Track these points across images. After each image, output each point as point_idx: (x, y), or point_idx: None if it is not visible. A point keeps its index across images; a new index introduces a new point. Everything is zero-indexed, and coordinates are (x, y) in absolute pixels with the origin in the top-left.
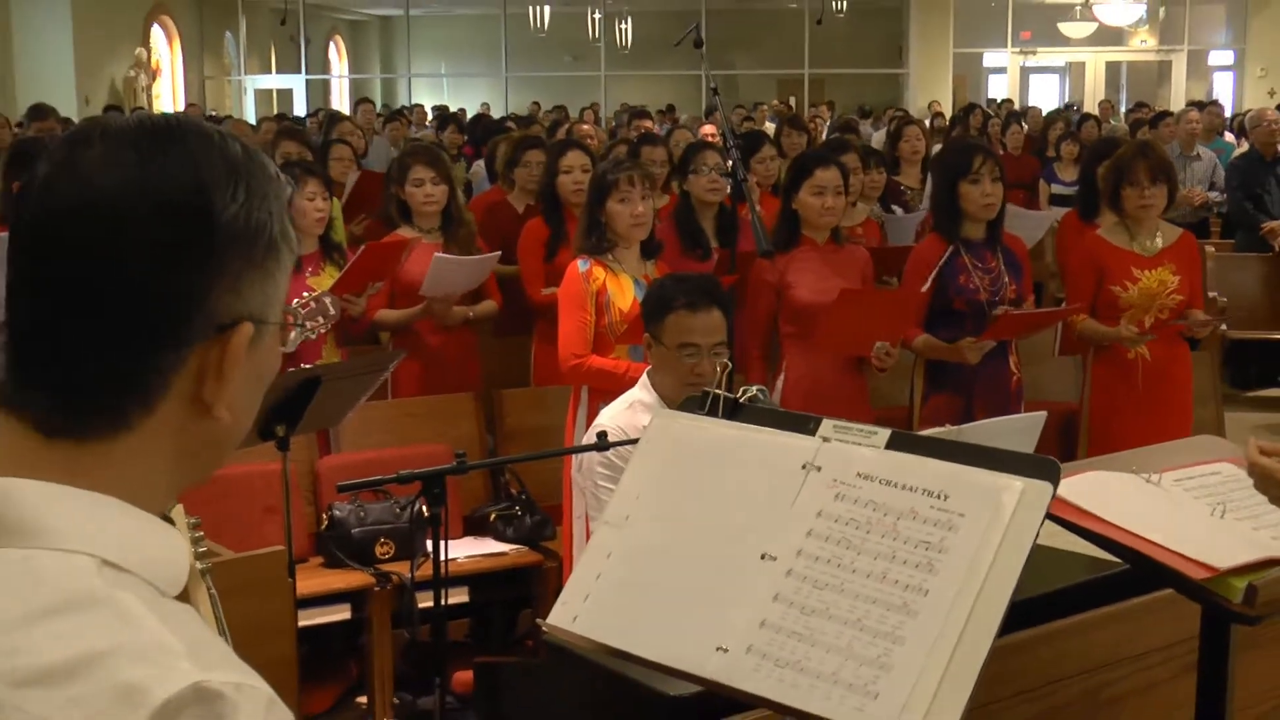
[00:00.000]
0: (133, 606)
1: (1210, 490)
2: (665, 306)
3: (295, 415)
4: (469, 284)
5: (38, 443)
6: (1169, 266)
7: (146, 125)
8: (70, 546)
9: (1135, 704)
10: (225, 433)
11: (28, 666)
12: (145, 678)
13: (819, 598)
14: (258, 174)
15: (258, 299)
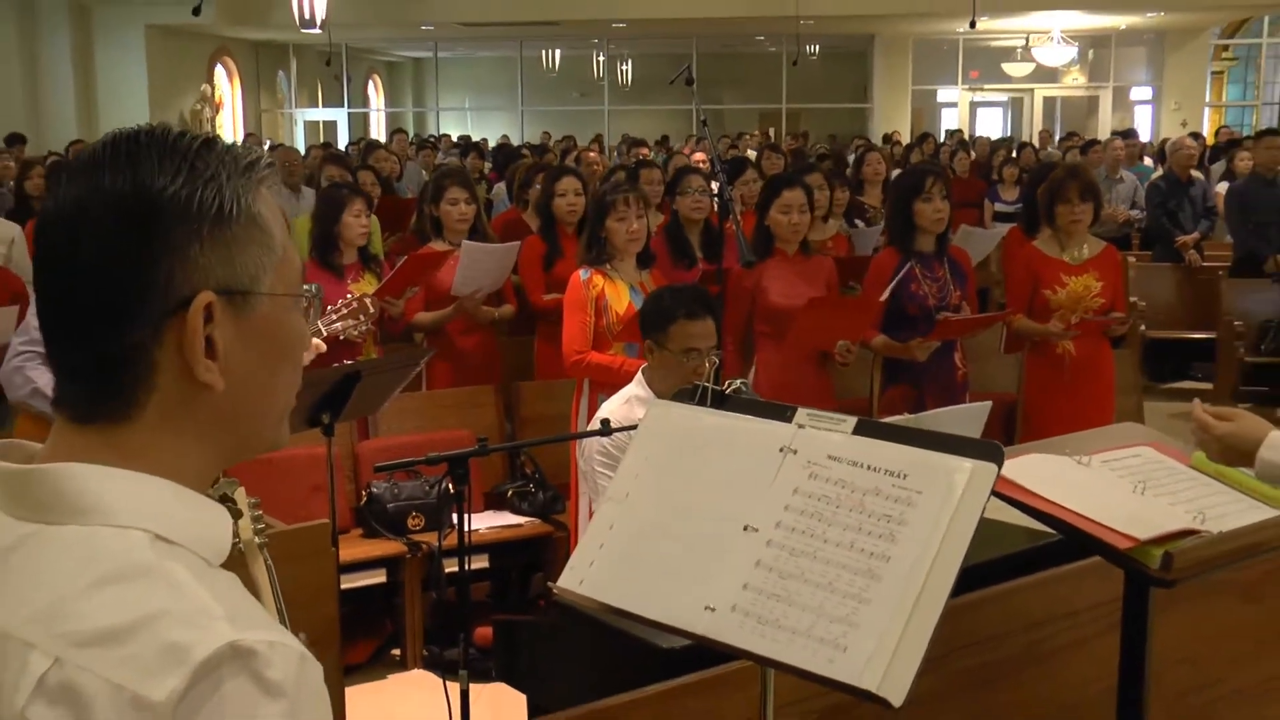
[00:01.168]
0: (180, 576)
1: (1133, 470)
2: (668, 317)
3: (339, 405)
4: (496, 273)
5: (76, 430)
6: (1093, 274)
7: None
8: (126, 523)
9: (1068, 656)
10: (238, 404)
11: (89, 629)
12: (188, 638)
13: (795, 564)
14: (209, 160)
15: (221, 269)
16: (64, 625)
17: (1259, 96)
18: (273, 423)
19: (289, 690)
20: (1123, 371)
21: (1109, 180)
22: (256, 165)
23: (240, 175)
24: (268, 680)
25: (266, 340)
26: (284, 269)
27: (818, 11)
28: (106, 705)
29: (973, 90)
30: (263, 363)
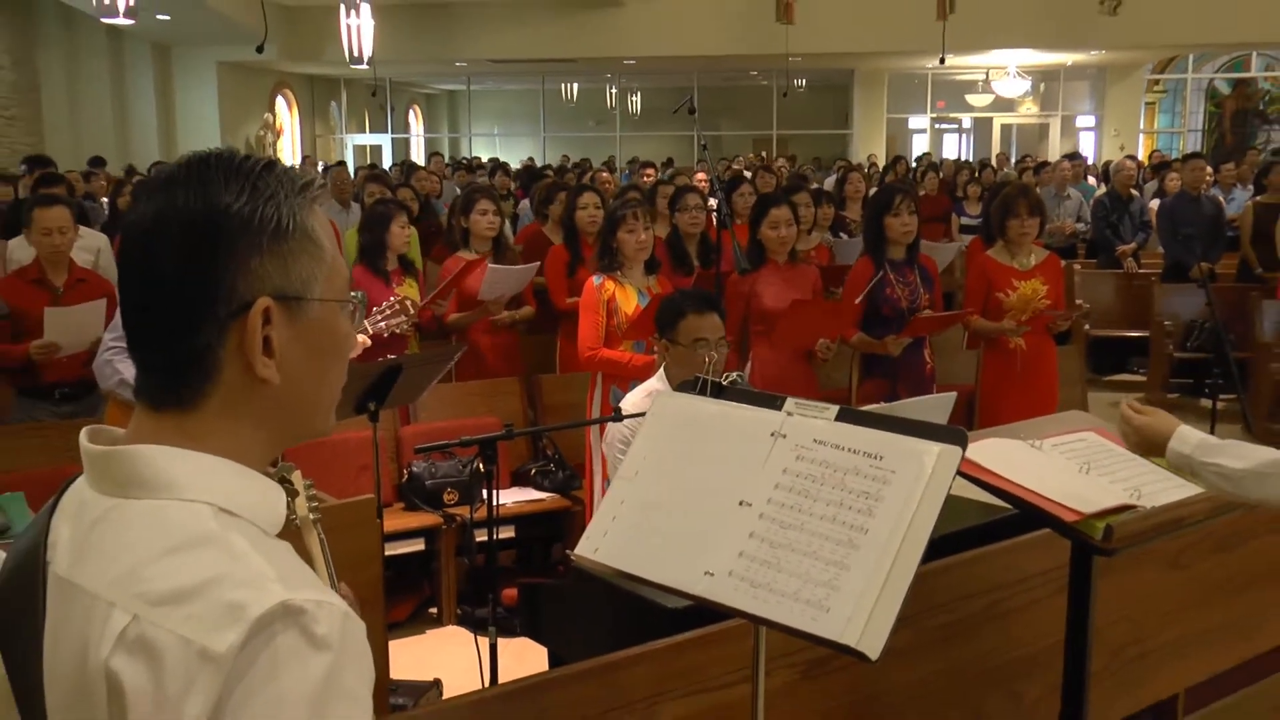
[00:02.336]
0: (239, 544)
1: (1078, 453)
2: (678, 314)
3: (383, 394)
4: (515, 288)
5: (153, 416)
6: (1040, 279)
7: (178, 164)
8: (192, 497)
9: (1021, 615)
10: (292, 397)
11: (160, 590)
12: (245, 598)
13: (784, 535)
14: (269, 181)
15: (278, 277)
16: (140, 586)
17: (1185, 124)
18: (322, 413)
19: (334, 643)
20: (1069, 365)
21: (1058, 197)
22: (310, 186)
23: (296, 194)
24: (315, 635)
25: (317, 341)
26: (333, 278)
27: (804, 49)
28: (176, 656)
29: (940, 118)
30: (313, 360)
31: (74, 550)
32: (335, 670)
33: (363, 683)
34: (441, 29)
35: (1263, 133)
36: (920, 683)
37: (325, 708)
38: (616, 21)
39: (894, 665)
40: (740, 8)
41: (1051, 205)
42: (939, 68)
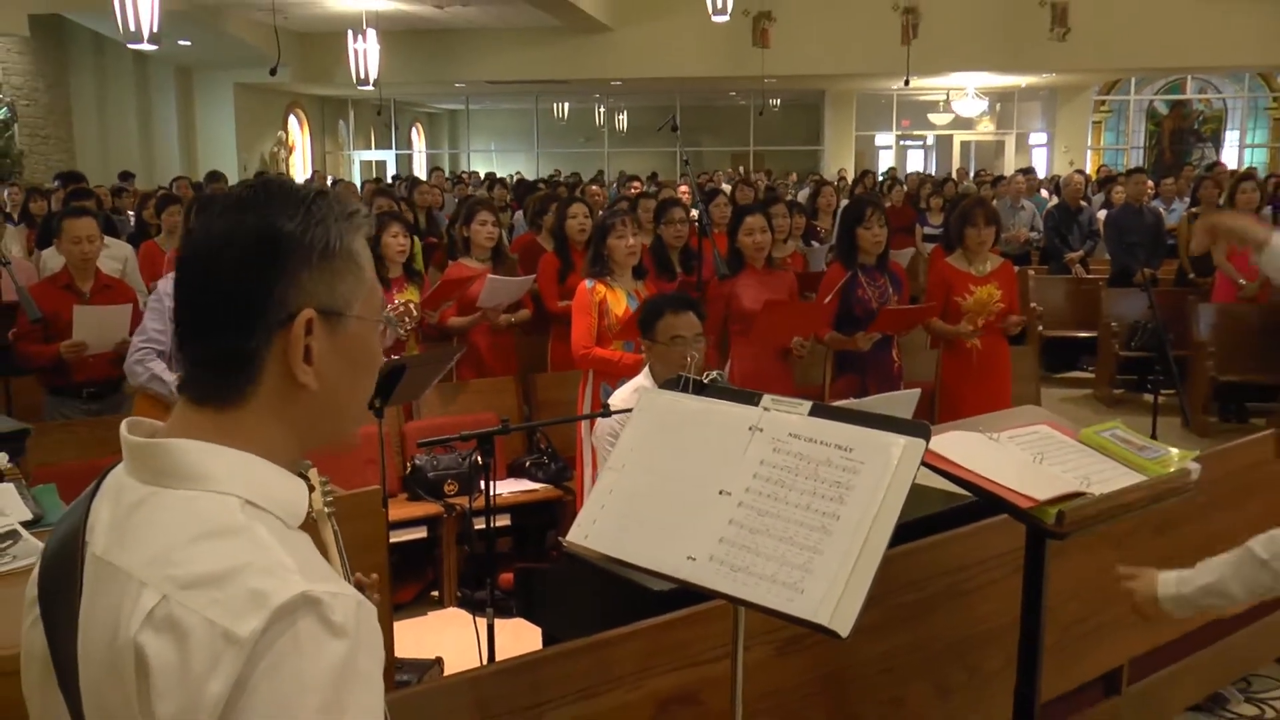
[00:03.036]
0: (263, 535)
1: (1032, 444)
2: (657, 314)
3: (388, 392)
4: (512, 298)
5: (195, 410)
6: (994, 284)
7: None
8: (222, 490)
9: (981, 594)
10: (325, 403)
11: (189, 574)
12: (268, 586)
13: (761, 522)
14: (320, 205)
15: (324, 293)
16: (171, 569)
17: (1128, 141)
18: (350, 421)
19: (349, 630)
20: (1023, 363)
21: (1013, 208)
22: (357, 214)
23: (344, 220)
24: (332, 623)
25: (352, 354)
26: (371, 298)
27: (779, 72)
28: (202, 636)
29: (904, 136)
30: (348, 372)
31: (111, 533)
32: (350, 655)
33: (375, 665)
34: (442, 53)
35: (1197, 150)
36: (887, 657)
37: (342, 689)
38: (605, 46)
39: (863, 641)
40: (720, 33)
41: (1007, 216)
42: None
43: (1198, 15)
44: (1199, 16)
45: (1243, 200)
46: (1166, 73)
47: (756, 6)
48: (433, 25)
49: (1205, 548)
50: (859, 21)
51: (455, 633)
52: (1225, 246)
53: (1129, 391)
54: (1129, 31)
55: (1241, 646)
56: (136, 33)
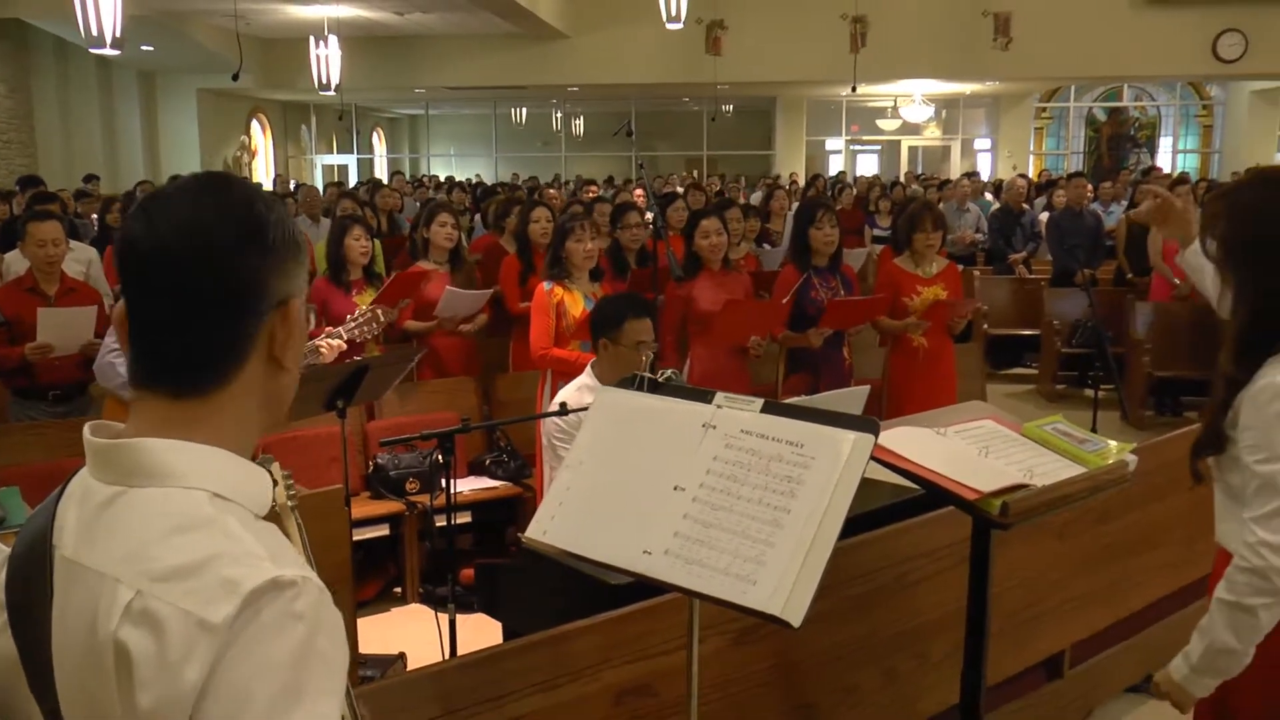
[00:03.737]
0: (233, 526)
1: (978, 438)
2: (620, 317)
3: (350, 393)
4: (469, 311)
5: (166, 403)
6: (941, 285)
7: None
8: (191, 485)
9: (929, 584)
10: (286, 384)
11: (162, 567)
12: (239, 574)
13: (715, 516)
14: (271, 196)
15: (297, 283)
16: (144, 565)
17: (1068, 146)
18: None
19: (312, 615)
20: (969, 361)
21: (958, 211)
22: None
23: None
24: (297, 606)
25: (297, 335)
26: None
27: (731, 79)
28: (178, 626)
29: (853, 141)
30: (295, 353)
31: (80, 534)
32: (312, 637)
33: (337, 649)
34: (402, 59)
35: (1133, 155)
36: (839, 645)
37: (302, 670)
38: (562, 53)
39: (815, 631)
40: (674, 41)
41: (953, 218)
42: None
43: (1133, 27)
44: (1134, 29)
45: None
46: (1104, 81)
47: (709, 15)
48: (393, 32)
49: (1143, 536)
50: (809, 30)
51: (418, 628)
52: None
53: (1070, 387)
54: (1068, 42)
55: (1175, 628)
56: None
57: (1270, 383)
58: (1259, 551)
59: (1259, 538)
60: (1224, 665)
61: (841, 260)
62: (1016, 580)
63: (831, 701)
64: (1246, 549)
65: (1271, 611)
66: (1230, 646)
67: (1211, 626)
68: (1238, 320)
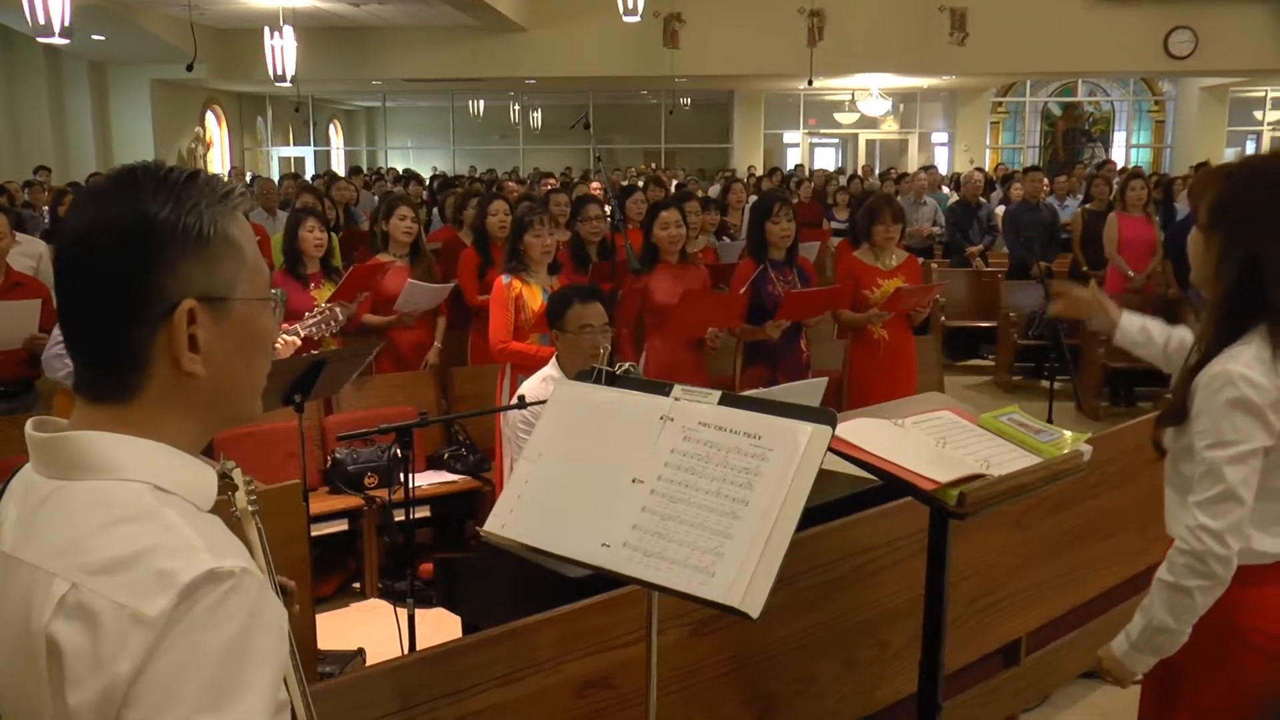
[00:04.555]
0: (172, 518)
1: (935, 429)
2: (566, 305)
3: (308, 387)
4: (429, 304)
5: (93, 408)
6: (900, 277)
7: (109, 176)
8: (130, 477)
9: (888, 573)
10: (219, 387)
11: (98, 560)
12: (176, 566)
13: (673, 508)
14: (192, 191)
15: (204, 280)
16: (79, 558)
17: (1024, 141)
18: (248, 400)
19: (249, 608)
20: (926, 352)
21: (916, 204)
22: (231, 194)
23: (218, 203)
24: (234, 600)
25: (241, 336)
26: (255, 278)
27: (689, 72)
28: (112, 620)
29: (811, 134)
30: (238, 354)
31: (19, 529)
32: (248, 631)
33: (272, 645)
34: (359, 51)
35: (1088, 149)
36: (798, 636)
37: (237, 664)
38: (519, 45)
39: (774, 622)
40: (631, 33)
41: (910, 211)
42: (809, 89)
43: (1087, 24)
44: (1088, 25)
45: (1132, 197)
46: (1059, 76)
47: (667, 8)
48: (350, 23)
49: (1098, 525)
50: (766, 24)
51: (377, 624)
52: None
53: (1026, 378)
54: (1024, 37)
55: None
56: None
57: (1222, 370)
58: (1198, 535)
59: (1199, 522)
60: (1161, 643)
61: (798, 253)
62: (974, 569)
63: (791, 691)
64: (1187, 532)
65: (1208, 594)
66: (1167, 626)
67: (1151, 606)
68: (1220, 288)
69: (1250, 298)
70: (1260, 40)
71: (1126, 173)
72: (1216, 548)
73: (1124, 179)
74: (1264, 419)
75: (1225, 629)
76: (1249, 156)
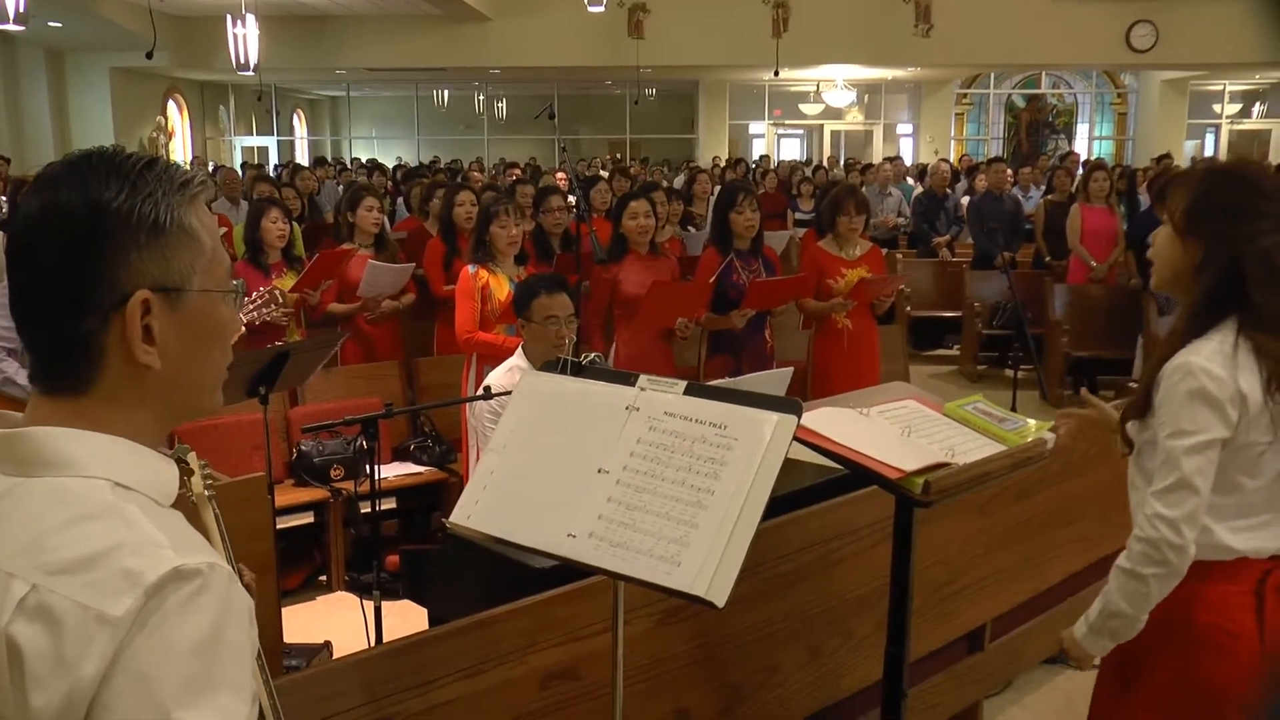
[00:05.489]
0: (134, 515)
1: (900, 418)
2: (531, 295)
3: (272, 379)
4: (393, 286)
5: (48, 400)
6: (864, 267)
7: (61, 163)
8: (90, 474)
9: (853, 562)
10: (175, 379)
11: (59, 559)
12: (140, 565)
13: (639, 498)
14: (148, 179)
15: (158, 270)
16: (40, 558)
17: (989, 132)
18: (207, 392)
19: (218, 603)
20: (892, 342)
21: (881, 195)
22: (190, 183)
23: (175, 191)
24: (203, 597)
25: (198, 327)
26: (213, 268)
27: (654, 62)
28: (75, 621)
29: (776, 125)
30: (196, 345)
31: None
32: (218, 627)
33: (244, 638)
34: (322, 40)
35: (1051, 141)
36: (764, 625)
37: (208, 660)
38: (483, 35)
39: (740, 611)
40: (596, 23)
41: (875, 202)
42: (774, 80)
43: (1050, 16)
44: (1051, 17)
45: (1095, 188)
46: (1023, 68)
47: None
48: (313, 11)
49: (1061, 512)
50: (731, 15)
51: (343, 616)
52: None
53: (991, 367)
54: (988, 29)
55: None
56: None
57: (1184, 362)
58: (1154, 523)
59: (1155, 510)
60: (1116, 628)
61: (763, 243)
62: (938, 557)
63: (756, 680)
64: (1145, 519)
65: (1163, 582)
66: (1123, 611)
67: (1109, 591)
68: (1199, 289)
69: (1226, 297)
70: (1219, 35)
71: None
72: (1171, 536)
73: (1087, 170)
74: (1222, 411)
75: (1185, 623)
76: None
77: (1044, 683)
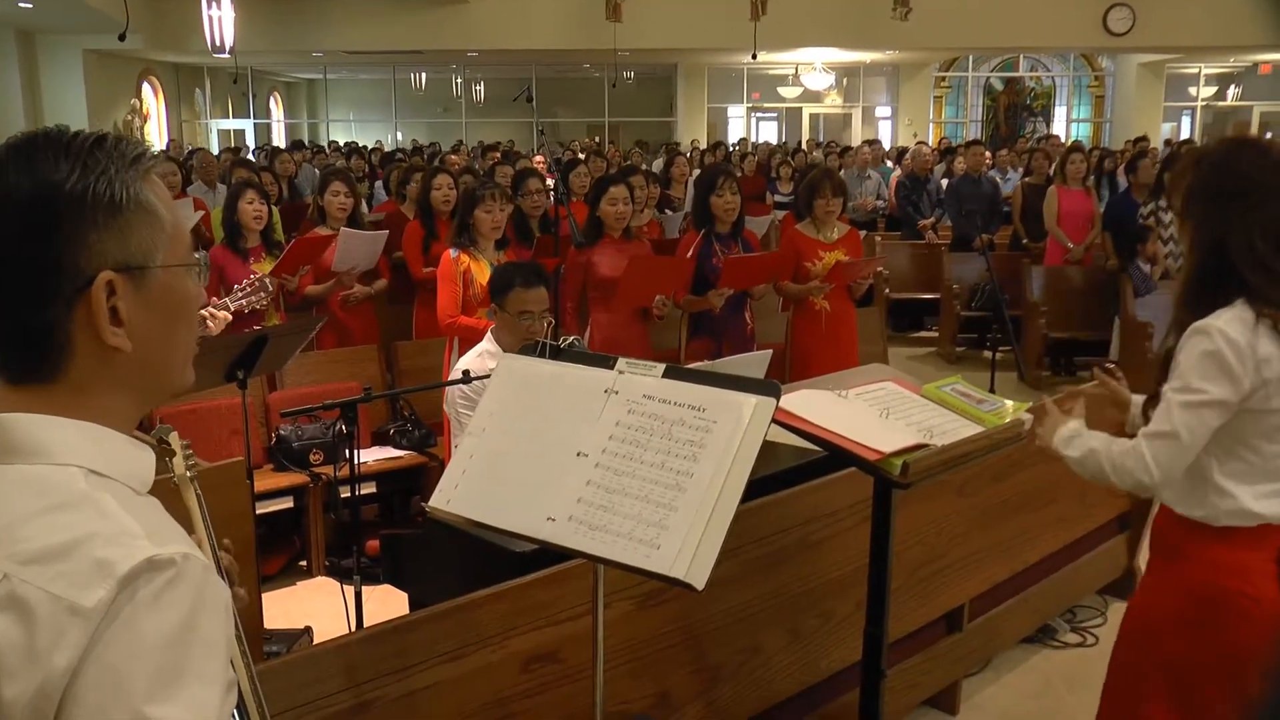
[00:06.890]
0: (108, 504)
1: (879, 400)
2: (508, 285)
3: (250, 363)
4: (368, 255)
5: (16, 390)
6: (842, 250)
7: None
8: (64, 461)
9: (831, 544)
10: (146, 360)
11: (30, 549)
12: (114, 555)
13: (618, 481)
14: (99, 156)
15: (118, 250)
16: (11, 547)
17: (967, 115)
18: (178, 371)
19: (192, 595)
20: (870, 324)
21: (860, 178)
22: (143, 158)
23: (128, 167)
24: (177, 588)
25: (165, 305)
26: (175, 244)
27: (632, 45)
28: (46, 612)
29: (755, 108)
30: (164, 323)
31: None
32: (192, 618)
33: (219, 631)
34: (299, 22)
35: (1029, 123)
36: (743, 606)
37: (182, 652)
38: (461, 17)
39: (720, 593)
40: (573, 6)
41: (854, 184)
42: (753, 63)
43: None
44: (1029, 1)
45: (1072, 170)
46: (1001, 52)
47: None
48: None
49: (1038, 493)
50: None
51: (324, 601)
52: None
53: (969, 349)
54: (966, 12)
55: (1066, 581)
56: None
57: (1204, 324)
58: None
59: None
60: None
61: (743, 226)
62: (917, 538)
63: (737, 662)
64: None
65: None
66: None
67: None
68: (1190, 268)
69: (1220, 277)
70: (1195, 18)
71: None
72: (1144, 478)
73: (1065, 152)
74: (1231, 375)
75: (1207, 589)
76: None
77: (1022, 662)
